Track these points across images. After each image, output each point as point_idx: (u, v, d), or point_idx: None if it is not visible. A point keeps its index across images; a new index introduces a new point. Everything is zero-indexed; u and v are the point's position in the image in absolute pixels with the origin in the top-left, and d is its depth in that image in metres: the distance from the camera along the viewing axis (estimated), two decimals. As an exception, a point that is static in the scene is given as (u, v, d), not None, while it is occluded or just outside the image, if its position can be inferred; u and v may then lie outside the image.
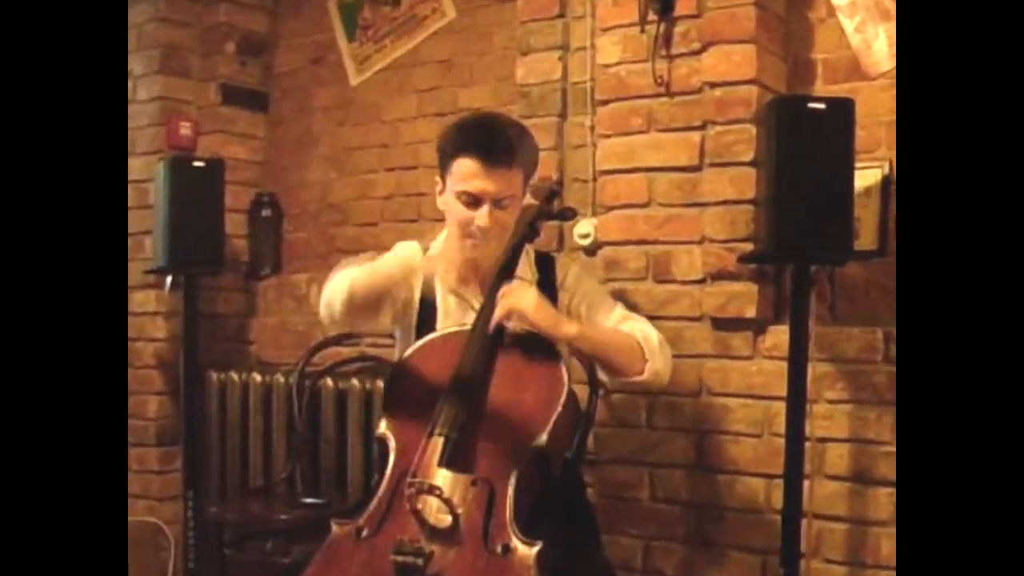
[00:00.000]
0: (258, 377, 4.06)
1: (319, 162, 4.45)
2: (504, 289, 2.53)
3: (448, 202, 2.63)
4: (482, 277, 2.67)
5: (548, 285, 2.73)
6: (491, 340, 2.52)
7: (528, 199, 2.74)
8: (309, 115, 4.48)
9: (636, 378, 2.62)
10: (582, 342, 2.57)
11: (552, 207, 2.89)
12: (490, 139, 2.58)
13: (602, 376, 2.74)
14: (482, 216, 2.55)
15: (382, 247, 2.82)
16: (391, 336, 2.90)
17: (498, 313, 2.50)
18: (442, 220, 2.73)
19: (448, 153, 2.62)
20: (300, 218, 4.51)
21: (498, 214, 2.57)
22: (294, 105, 4.53)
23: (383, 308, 2.67)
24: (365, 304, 2.60)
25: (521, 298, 2.51)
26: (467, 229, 2.58)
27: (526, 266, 2.73)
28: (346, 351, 3.75)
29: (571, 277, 2.76)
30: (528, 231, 2.71)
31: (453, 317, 2.69)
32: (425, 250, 2.74)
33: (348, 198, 4.36)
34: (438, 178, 2.68)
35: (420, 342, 2.62)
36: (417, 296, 2.71)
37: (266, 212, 4.51)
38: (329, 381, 3.72)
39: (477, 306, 2.63)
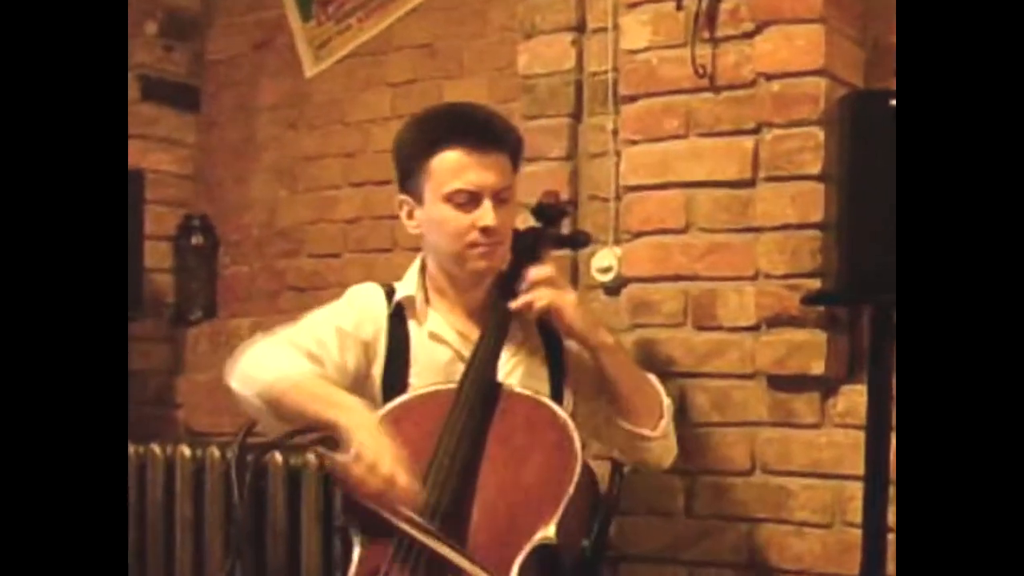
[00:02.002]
0: (187, 451, 4.04)
1: (265, 175, 4.47)
2: (535, 275, 2.66)
3: (432, 215, 2.64)
4: (468, 316, 2.74)
5: (552, 333, 2.77)
6: (484, 401, 2.54)
7: (527, 220, 2.79)
8: (252, 115, 4.50)
9: (648, 432, 2.71)
10: (612, 356, 2.68)
11: (559, 229, 2.93)
12: (474, 121, 2.64)
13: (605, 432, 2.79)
14: (486, 213, 2.59)
15: (346, 284, 2.85)
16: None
17: (528, 298, 2.63)
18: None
19: (418, 154, 2.64)
20: (241, 247, 4.52)
21: (501, 212, 2.62)
22: (233, 102, 4.55)
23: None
24: (290, 422, 2.66)
25: (561, 293, 2.64)
26: (468, 238, 2.62)
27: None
28: (299, 418, 3.73)
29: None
30: (530, 260, 2.74)
31: (433, 370, 2.70)
32: (390, 293, 2.76)
33: (302, 221, 4.38)
34: (402, 196, 2.72)
35: (390, 405, 2.61)
36: (381, 349, 2.73)
37: (197, 239, 4.52)
38: (278, 456, 3.68)
39: (467, 354, 2.65)
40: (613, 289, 3.41)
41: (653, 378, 2.79)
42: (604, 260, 3.41)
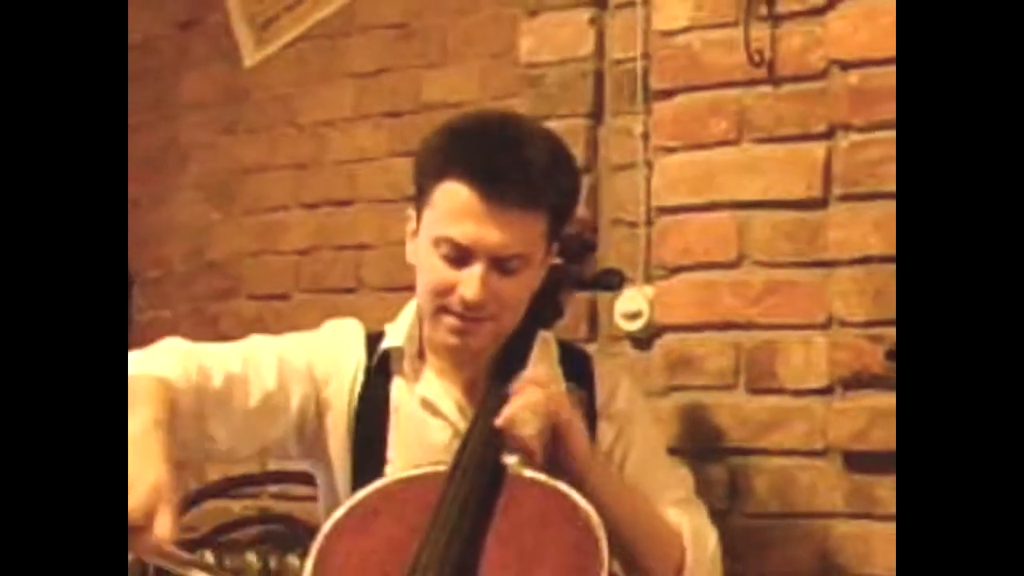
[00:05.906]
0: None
1: (192, 193, 4.52)
2: (522, 387, 2.58)
3: (420, 252, 2.64)
4: (471, 379, 2.75)
5: (586, 393, 2.80)
6: (484, 488, 2.50)
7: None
8: (174, 116, 4.56)
9: None
10: (599, 509, 2.51)
11: (583, 268, 3.00)
12: (503, 156, 2.57)
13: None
14: (470, 282, 2.54)
15: (297, 331, 2.84)
16: (312, 481, 2.88)
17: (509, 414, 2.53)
18: (404, 288, 2.79)
19: (430, 171, 2.61)
20: (161, 286, 4.58)
21: (500, 284, 2.57)
22: (150, 98, 4.59)
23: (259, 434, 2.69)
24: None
25: (559, 402, 2.58)
26: (443, 300, 2.59)
27: (544, 365, 2.79)
28: (236, 506, 3.78)
29: (623, 400, 2.82)
30: (546, 307, 2.79)
31: (423, 448, 2.68)
32: (374, 339, 2.77)
33: (241, 252, 4.50)
34: (411, 211, 2.70)
35: (361, 493, 2.56)
36: (344, 411, 2.73)
37: (103, 276, 4.60)
38: (209, 555, 3.66)
39: (463, 426, 2.66)
40: (643, 341, 3.45)
41: (689, 516, 2.75)
42: (631, 303, 3.43)
